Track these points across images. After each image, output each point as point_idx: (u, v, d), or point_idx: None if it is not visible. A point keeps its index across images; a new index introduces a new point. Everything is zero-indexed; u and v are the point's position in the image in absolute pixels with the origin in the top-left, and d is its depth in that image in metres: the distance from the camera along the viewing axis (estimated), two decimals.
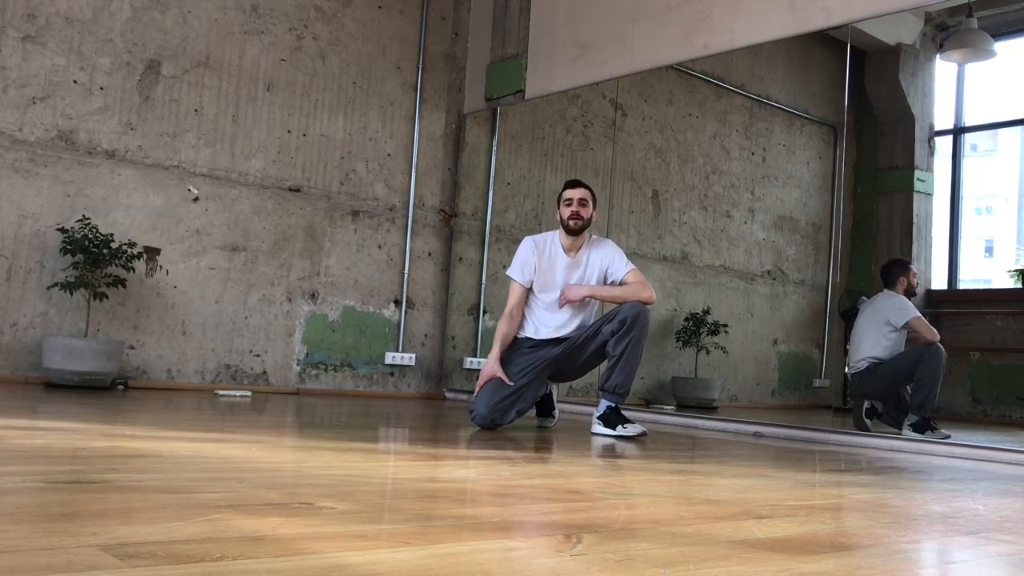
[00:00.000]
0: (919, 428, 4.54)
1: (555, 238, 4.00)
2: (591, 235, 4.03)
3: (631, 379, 3.81)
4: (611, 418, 3.80)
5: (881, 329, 4.86)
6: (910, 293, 4.94)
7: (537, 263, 3.95)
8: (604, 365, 3.89)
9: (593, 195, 3.98)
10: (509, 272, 4.01)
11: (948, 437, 4.38)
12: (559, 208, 3.98)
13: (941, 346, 4.65)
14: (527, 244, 4.00)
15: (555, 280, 3.94)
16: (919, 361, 4.66)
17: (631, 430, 3.77)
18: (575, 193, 3.92)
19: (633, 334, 3.71)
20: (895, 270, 5.03)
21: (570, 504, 1.94)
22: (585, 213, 3.91)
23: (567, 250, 3.96)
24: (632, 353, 3.75)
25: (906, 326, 4.84)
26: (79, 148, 4.88)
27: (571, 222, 3.90)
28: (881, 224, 6.28)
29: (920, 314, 4.85)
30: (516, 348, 3.96)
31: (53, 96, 4.81)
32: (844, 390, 5.58)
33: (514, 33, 6.07)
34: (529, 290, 3.98)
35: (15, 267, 4.69)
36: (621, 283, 3.90)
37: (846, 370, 5.13)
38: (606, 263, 3.94)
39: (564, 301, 3.88)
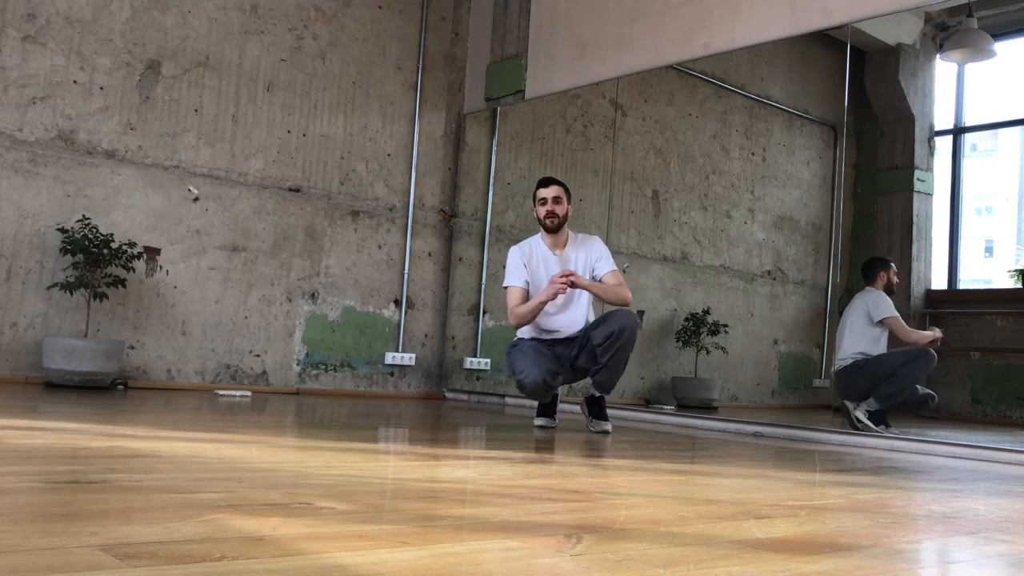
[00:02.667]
0: (875, 418, 4.63)
1: (538, 240, 4.11)
2: (576, 233, 4.12)
3: (615, 380, 3.99)
4: (592, 406, 4.02)
5: (862, 324, 4.89)
6: (890, 290, 4.97)
7: (527, 267, 4.05)
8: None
9: (567, 190, 4.07)
10: (505, 283, 4.10)
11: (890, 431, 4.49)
12: (535, 207, 4.07)
13: (933, 352, 4.69)
14: (514, 252, 4.11)
15: (542, 278, 4.02)
16: (908, 361, 4.71)
17: (597, 426, 3.98)
18: (548, 192, 4.02)
19: (618, 346, 3.83)
20: (876, 266, 5.08)
21: (570, 504, 1.94)
22: (560, 210, 4.01)
23: (552, 248, 4.07)
24: (617, 362, 3.89)
25: (882, 323, 4.86)
26: (79, 148, 4.88)
27: (548, 221, 4.02)
28: (881, 224, 6.27)
29: (899, 315, 4.88)
30: (535, 344, 4.04)
31: (53, 96, 4.81)
32: None
33: (514, 33, 6.06)
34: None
35: (15, 267, 4.69)
36: (600, 281, 4.00)
37: (833, 369, 5.10)
38: (593, 259, 4.04)
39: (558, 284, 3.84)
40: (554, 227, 4.00)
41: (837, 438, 4.33)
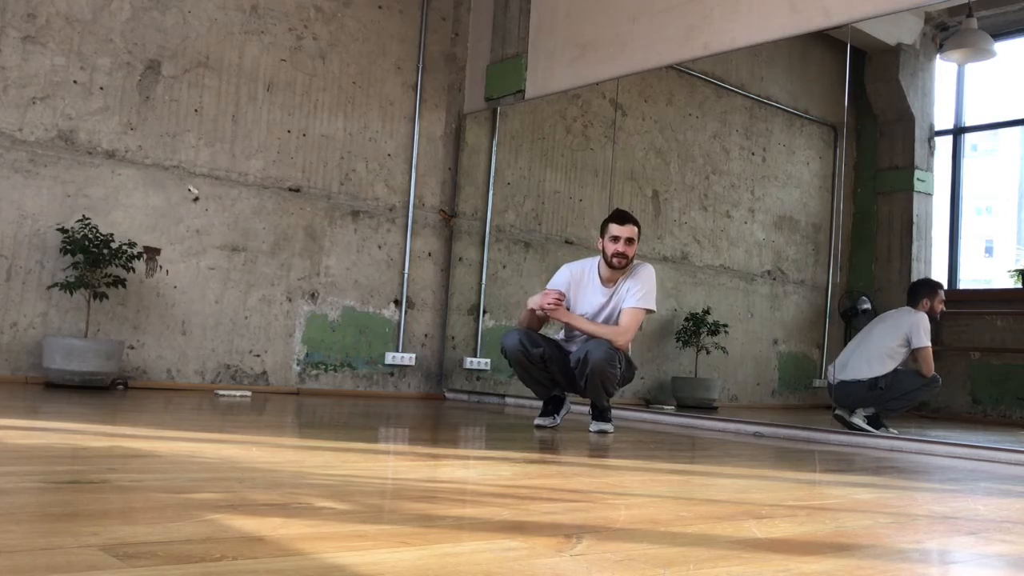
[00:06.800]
0: (874, 421, 4.66)
1: (594, 267, 4.05)
2: (635, 264, 4.06)
3: (597, 399, 4.05)
4: (594, 407, 4.12)
5: (894, 343, 4.79)
6: (932, 317, 4.87)
7: (571, 288, 4.03)
8: None
9: (640, 230, 4.00)
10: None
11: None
12: (603, 239, 3.97)
13: (940, 380, 4.74)
14: (563, 272, 4.10)
15: (585, 305, 4.02)
16: (923, 386, 4.73)
17: (596, 427, 4.04)
18: (623, 231, 3.91)
19: (586, 373, 3.87)
20: (921, 291, 4.96)
21: (570, 504, 1.94)
22: (631, 252, 3.94)
23: (605, 281, 4.00)
24: (592, 386, 3.92)
25: (916, 351, 4.80)
26: (79, 148, 4.88)
27: (615, 260, 3.93)
28: (881, 224, 6.27)
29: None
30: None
31: (53, 96, 4.81)
32: None
33: (514, 33, 6.06)
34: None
35: (15, 267, 4.69)
36: (619, 311, 3.96)
37: (833, 374, 4.97)
38: (633, 288, 3.97)
39: (542, 309, 3.91)
40: (620, 267, 3.94)
41: (837, 438, 4.33)
